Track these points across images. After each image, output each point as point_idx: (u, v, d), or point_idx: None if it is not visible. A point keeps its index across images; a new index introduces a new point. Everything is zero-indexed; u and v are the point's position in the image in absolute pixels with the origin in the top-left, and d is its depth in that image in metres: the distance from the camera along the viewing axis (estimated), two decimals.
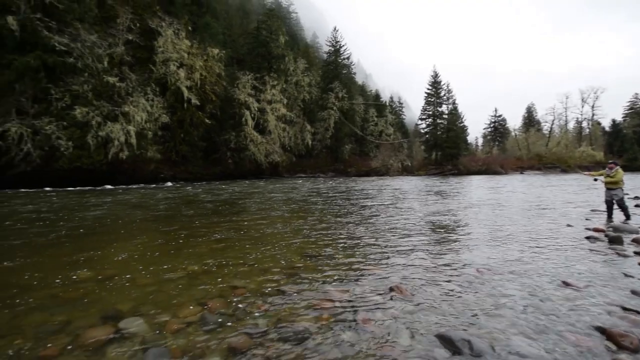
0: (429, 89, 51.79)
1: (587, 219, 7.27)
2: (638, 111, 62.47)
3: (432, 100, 51.51)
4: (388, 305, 2.80)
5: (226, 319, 2.55)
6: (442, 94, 51.37)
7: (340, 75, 51.41)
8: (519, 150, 59.51)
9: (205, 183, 27.97)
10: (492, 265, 3.91)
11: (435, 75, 51.45)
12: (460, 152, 50.21)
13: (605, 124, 64.61)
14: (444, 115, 51.31)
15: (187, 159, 31.05)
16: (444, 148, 49.01)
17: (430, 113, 51.99)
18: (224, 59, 35.14)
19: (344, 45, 52.66)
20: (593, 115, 62.03)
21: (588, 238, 5.33)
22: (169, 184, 26.78)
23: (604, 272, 3.68)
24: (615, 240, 5.05)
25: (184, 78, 29.69)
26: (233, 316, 2.60)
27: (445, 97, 51.35)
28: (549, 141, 59.38)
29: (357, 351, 2.11)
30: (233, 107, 36.92)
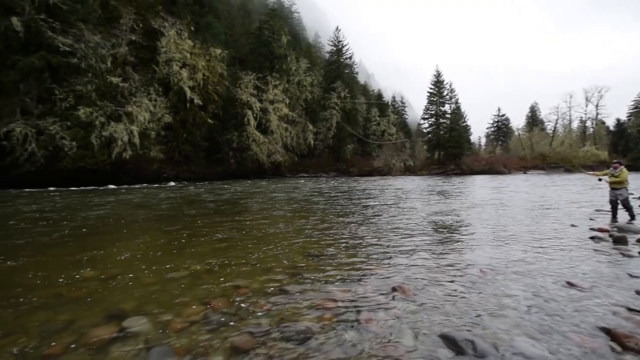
0: (431, 88, 51.62)
1: (592, 219, 7.22)
2: None
3: (435, 99, 51.32)
4: (391, 305, 2.79)
5: (229, 318, 2.56)
6: (445, 93, 51.19)
7: (343, 75, 51.34)
8: (523, 149, 59.19)
9: (207, 183, 28.06)
10: (496, 266, 3.90)
11: (438, 75, 51.26)
12: (463, 152, 50.01)
13: (610, 123, 64.31)
14: (446, 115, 51.09)
15: (190, 159, 31.16)
16: (446, 148, 48.83)
17: (432, 112, 51.78)
18: (227, 59, 35.25)
19: (346, 45, 52.65)
20: (597, 114, 61.66)
21: (592, 238, 5.30)
22: (172, 183, 26.89)
23: (608, 273, 3.65)
24: (619, 241, 5.02)
25: (187, 78, 29.81)
26: (236, 315, 2.61)
27: (447, 97, 51.17)
28: (552, 141, 59.05)
29: (360, 351, 2.10)
30: (235, 107, 37.01)
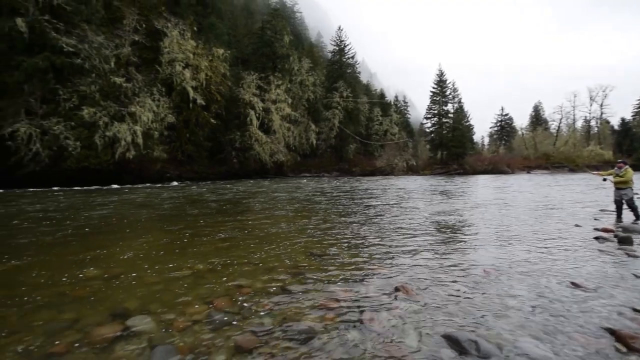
0: (434, 87, 51.46)
1: (596, 219, 7.17)
2: None
3: (438, 99, 51.16)
4: (394, 305, 2.78)
5: (232, 317, 2.56)
6: (448, 92, 51.02)
7: (345, 74, 51.33)
8: (526, 149, 58.84)
9: (210, 182, 28.14)
10: (499, 266, 3.88)
11: (441, 74, 51.09)
12: (466, 152, 49.86)
13: (614, 122, 63.77)
14: (449, 114, 50.92)
15: (193, 159, 31.26)
16: (449, 147, 48.69)
17: (435, 112, 51.63)
18: (229, 59, 35.31)
19: (348, 45, 52.63)
20: (602, 113, 61.10)
21: (597, 238, 5.26)
22: (175, 183, 26.99)
23: (613, 273, 3.63)
24: (624, 241, 4.98)
25: (190, 78, 29.90)
26: (238, 315, 2.61)
27: (450, 96, 51.00)
28: (556, 140, 58.61)
29: (363, 351, 2.10)
30: (238, 107, 37.09)
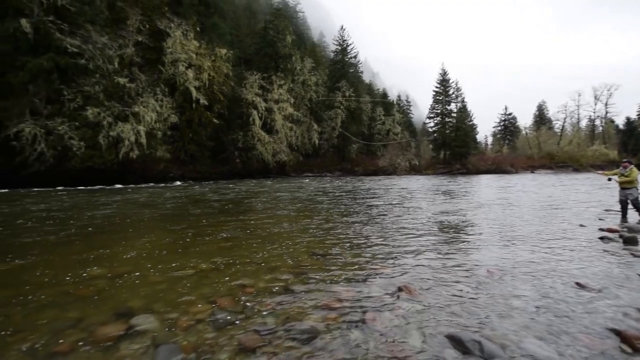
0: (437, 87, 51.23)
1: (601, 219, 7.12)
2: None
3: (441, 98, 50.92)
4: (397, 305, 2.78)
5: (235, 316, 2.57)
6: (451, 92, 50.77)
7: (347, 74, 51.26)
8: (530, 149, 58.45)
9: (212, 182, 28.23)
10: (503, 266, 3.86)
11: (444, 73, 50.83)
12: (469, 151, 49.58)
13: (619, 121, 63.21)
14: (452, 114, 50.69)
15: (196, 159, 31.37)
16: (452, 147, 48.46)
17: (438, 111, 51.41)
18: (232, 59, 35.35)
19: (350, 44, 52.58)
20: (606, 112, 60.63)
21: (602, 238, 5.22)
22: (178, 183, 27.11)
23: (618, 273, 3.60)
24: (629, 241, 4.93)
25: (193, 78, 29.99)
26: (242, 314, 2.62)
27: (454, 95, 50.75)
28: (560, 139, 58.17)
29: (366, 351, 2.10)
30: (241, 107, 37.17)
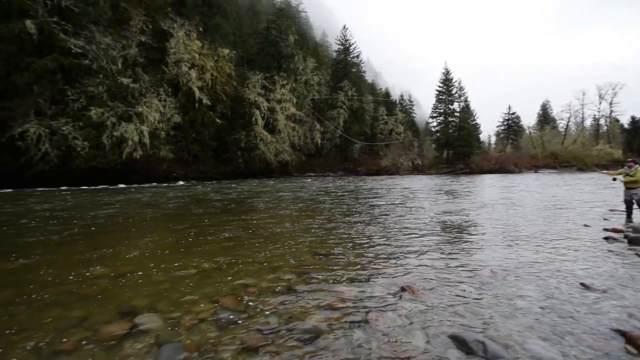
0: (440, 86, 51.03)
1: (605, 219, 7.06)
2: None
3: (444, 97, 50.71)
4: (399, 305, 2.77)
5: (238, 316, 2.58)
6: (454, 91, 50.54)
7: (350, 73, 51.16)
8: (534, 148, 58.06)
9: (215, 182, 28.31)
10: (507, 266, 3.84)
11: (447, 73, 50.63)
12: (473, 151, 49.36)
13: (624, 121, 62.66)
14: (455, 113, 50.42)
15: (199, 159, 31.48)
16: (455, 146, 48.26)
17: (441, 111, 51.19)
18: (234, 59, 35.45)
19: (353, 44, 52.42)
20: (611, 112, 60.06)
21: (606, 239, 5.18)
22: (181, 183, 27.20)
23: (623, 274, 3.57)
24: (634, 241, 4.89)
25: (196, 78, 30.09)
26: (245, 313, 2.63)
27: (457, 95, 50.50)
28: (564, 139, 57.70)
29: (369, 351, 2.10)
30: (243, 107, 37.24)
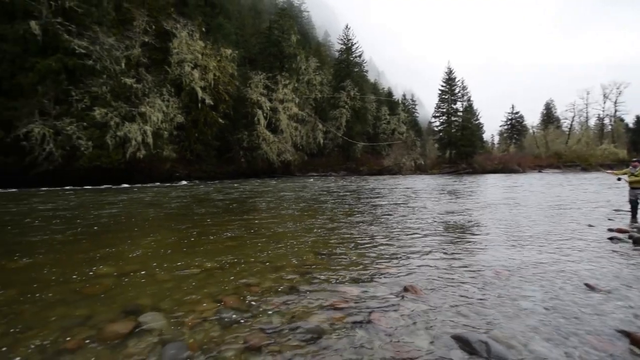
0: (442, 85, 50.83)
1: (610, 219, 7.01)
2: None
3: (446, 97, 50.53)
4: (402, 305, 2.77)
5: (241, 315, 2.59)
6: (457, 90, 50.33)
7: (352, 73, 51.10)
8: (537, 148, 57.74)
9: (218, 182, 28.38)
10: (510, 266, 3.82)
11: (450, 72, 50.41)
12: (476, 150, 49.18)
13: (629, 120, 62.13)
14: (458, 113, 50.24)
15: (202, 158, 31.59)
16: (458, 146, 48.09)
17: (444, 110, 51.00)
18: (237, 59, 35.50)
19: (355, 43, 52.37)
20: (616, 111, 59.62)
21: (611, 239, 5.14)
22: (184, 182, 27.31)
23: (628, 274, 3.54)
24: (639, 242, 4.85)
25: (198, 78, 30.17)
26: (248, 313, 2.63)
27: (459, 94, 50.30)
28: (569, 138, 57.35)
29: (372, 351, 2.09)
30: (246, 107, 37.30)
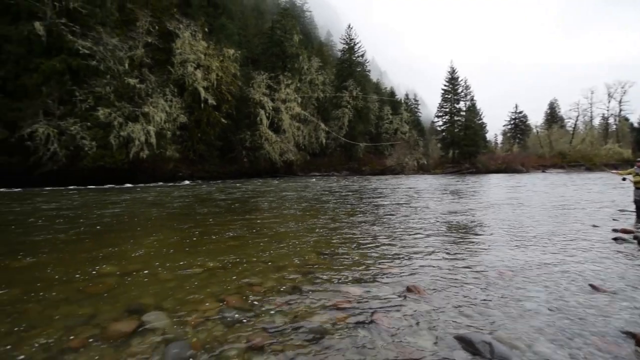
0: (445, 85, 50.69)
1: (615, 220, 6.96)
2: None
3: (449, 97, 50.36)
4: (405, 305, 2.76)
5: (244, 314, 2.59)
6: (460, 90, 50.15)
7: (355, 73, 51.04)
8: (541, 147, 57.36)
9: (220, 182, 28.45)
10: (514, 267, 3.80)
11: (452, 71, 50.24)
12: (479, 150, 48.94)
13: (634, 119, 61.50)
14: (461, 112, 50.08)
15: (204, 158, 31.68)
16: (461, 146, 47.89)
17: (447, 110, 50.85)
18: (240, 59, 35.56)
19: (358, 43, 52.33)
20: (620, 110, 59.03)
21: (615, 239, 5.10)
22: (187, 182, 27.40)
23: (633, 275, 3.51)
24: None
25: (201, 79, 30.26)
26: (250, 312, 2.64)
27: (462, 94, 50.14)
28: (573, 138, 56.88)
29: (374, 351, 2.09)
30: (248, 107, 37.37)
